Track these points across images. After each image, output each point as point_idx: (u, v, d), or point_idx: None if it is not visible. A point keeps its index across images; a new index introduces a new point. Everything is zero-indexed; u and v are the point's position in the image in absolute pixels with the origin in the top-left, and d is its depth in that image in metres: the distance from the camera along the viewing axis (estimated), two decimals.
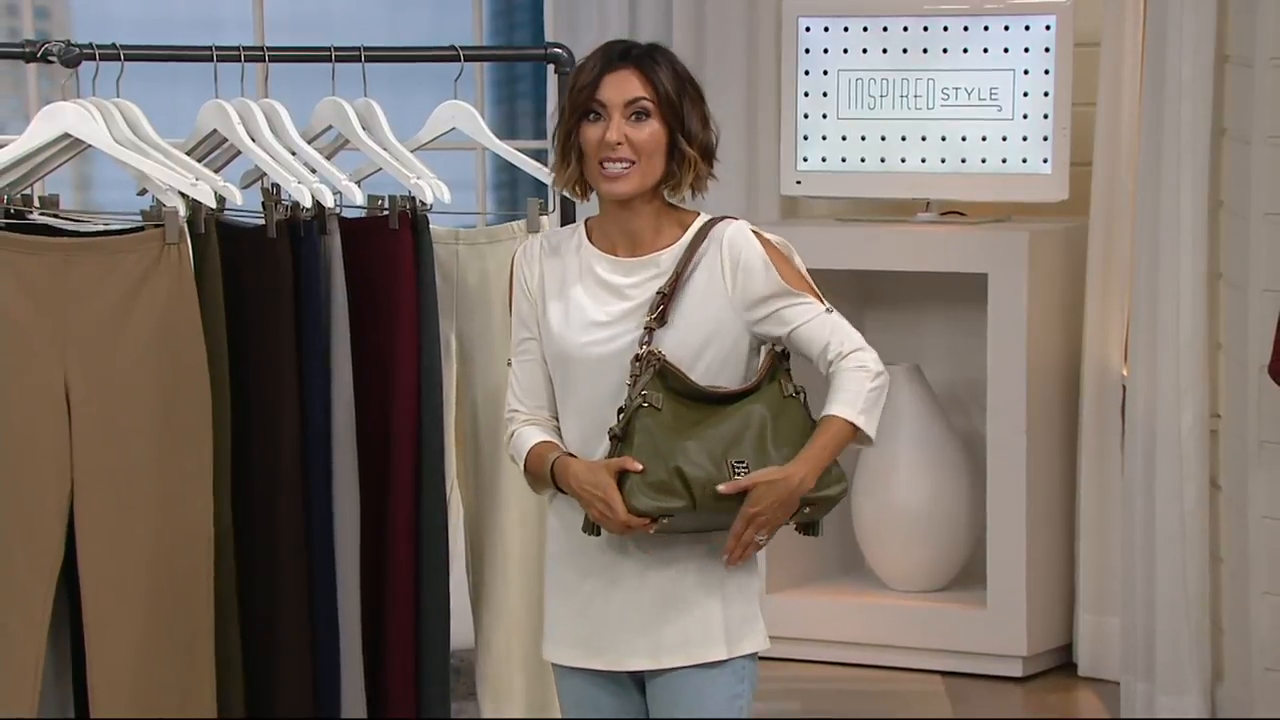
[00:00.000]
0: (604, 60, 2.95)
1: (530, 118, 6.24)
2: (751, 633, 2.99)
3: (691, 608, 2.96)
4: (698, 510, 2.89)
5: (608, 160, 2.93)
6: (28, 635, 3.13)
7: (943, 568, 5.48)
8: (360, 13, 6.30)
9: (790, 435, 2.94)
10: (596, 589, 2.95)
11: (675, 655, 2.97)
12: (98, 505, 3.12)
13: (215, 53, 3.33)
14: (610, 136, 2.92)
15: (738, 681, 2.99)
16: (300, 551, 3.22)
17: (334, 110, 3.40)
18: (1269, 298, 4.25)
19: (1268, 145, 4.32)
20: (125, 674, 3.12)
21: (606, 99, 2.92)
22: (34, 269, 3.13)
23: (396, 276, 3.30)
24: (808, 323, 2.93)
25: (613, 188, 2.94)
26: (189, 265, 3.12)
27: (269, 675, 3.22)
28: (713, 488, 2.88)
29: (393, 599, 3.31)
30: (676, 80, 2.95)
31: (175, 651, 3.12)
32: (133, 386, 3.13)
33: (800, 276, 2.97)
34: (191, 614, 3.12)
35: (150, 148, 3.23)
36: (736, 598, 2.98)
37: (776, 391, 2.96)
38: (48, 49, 3.29)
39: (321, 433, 3.25)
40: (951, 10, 5.37)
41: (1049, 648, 5.37)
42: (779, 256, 2.98)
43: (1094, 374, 5.27)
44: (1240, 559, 4.49)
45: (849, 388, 2.91)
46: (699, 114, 2.97)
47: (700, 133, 2.96)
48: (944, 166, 5.37)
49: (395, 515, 3.31)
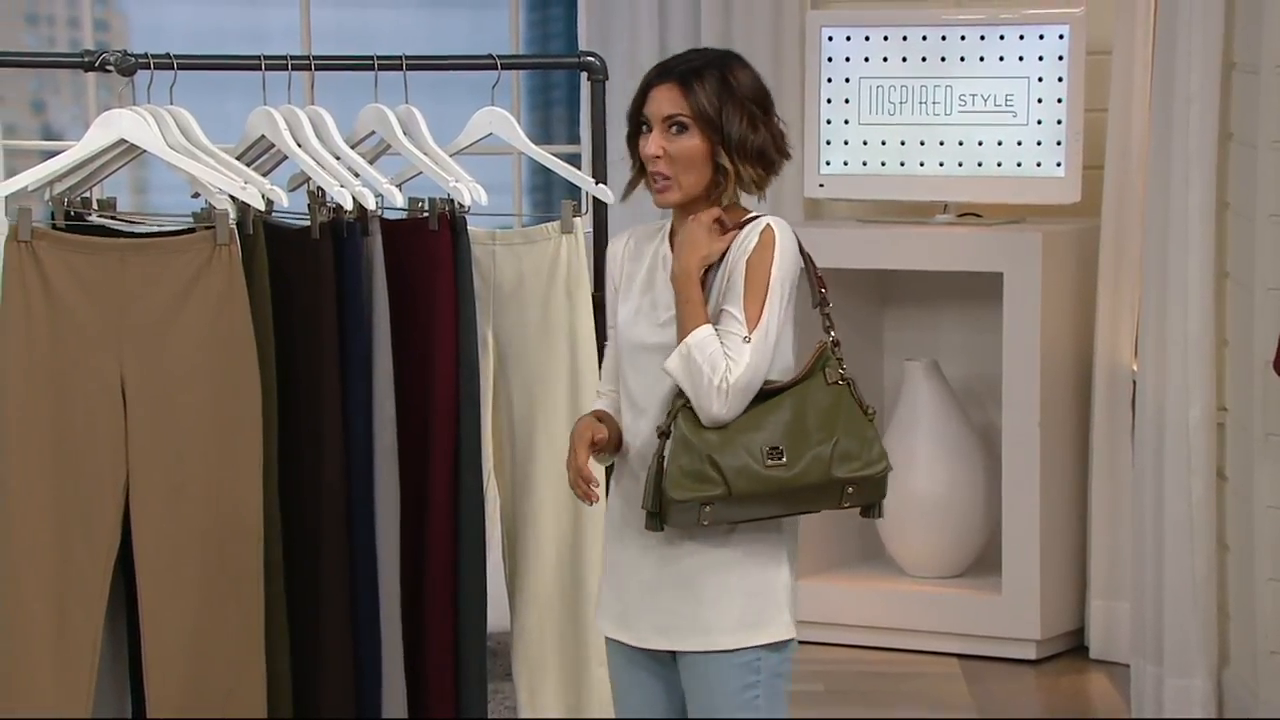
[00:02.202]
0: (652, 75, 3.00)
1: (564, 124, 6.23)
2: (770, 624, 2.96)
3: (707, 594, 2.95)
4: (734, 497, 2.89)
5: (652, 172, 2.96)
6: (86, 619, 3.14)
7: (959, 555, 5.47)
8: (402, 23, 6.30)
9: (830, 419, 2.92)
10: (630, 567, 2.97)
11: (688, 639, 2.96)
12: (152, 494, 3.13)
13: (264, 62, 3.33)
14: (648, 150, 2.96)
15: (750, 673, 2.96)
16: (343, 540, 3.23)
17: (377, 116, 3.40)
18: (1274, 296, 4.23)
19: (1273, 149, 4.31)
20: (179, 655, 3.12)
21: (649, 113, 2.97)
22: (92, 268, 3.14)
23: (436, 276, 3.30)
24: (723, 331, 2.92)
25: (657, 199, 2.99)
26: (238, 265, 3.13)
27: (314, 656, 3.23)
28: (747, 474, 2.87)
29: (432, 584, 3.31)
30: (719, 92, 2.95)
31: (226, 632, 3.13)
32: (185, 380, 3.13)
33: (762, 295, 2.93)
34: (241, 598, 3.12)
35: (202, 153, 3.23)
36: (756, 589, 2.97)
37: (820, 381, 2.95)
38: (105, 59, 3.29)
39: (364, 424, 3.25)
40: (968, 20, 5.36)
41: (1061, 632, 5.36)
42: (762, 265, 2.95)
43: (1105, 369, 5.26)
44: (1246, 547, 4.48)
45: (708, 347, 2.89)
46: (746, 120, 2.96)
47: (749, 138, 2.95)
48: (961, 170, 5.36)
49: (434, 505, 3.31)
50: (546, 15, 6.24)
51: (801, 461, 2.90)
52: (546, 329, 3.36)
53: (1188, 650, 4.62)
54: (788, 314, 2.97)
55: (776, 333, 2.93)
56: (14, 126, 5.96)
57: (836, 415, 2.92)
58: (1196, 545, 4.60)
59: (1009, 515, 5.25)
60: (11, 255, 3.12)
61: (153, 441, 3.13)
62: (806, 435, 2.91)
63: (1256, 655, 4.42)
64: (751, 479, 2.89)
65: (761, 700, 2.97)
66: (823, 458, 2.90)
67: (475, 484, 3.32)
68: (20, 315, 3.13)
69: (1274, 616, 4.36)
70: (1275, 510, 4.36)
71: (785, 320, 2.95)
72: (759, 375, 2.92)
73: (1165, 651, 4.66)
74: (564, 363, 3.36)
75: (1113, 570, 5.25)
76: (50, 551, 3.13)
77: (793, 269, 2.98)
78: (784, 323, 2.95)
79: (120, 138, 3.20)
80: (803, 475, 2.90)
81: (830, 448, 2.90)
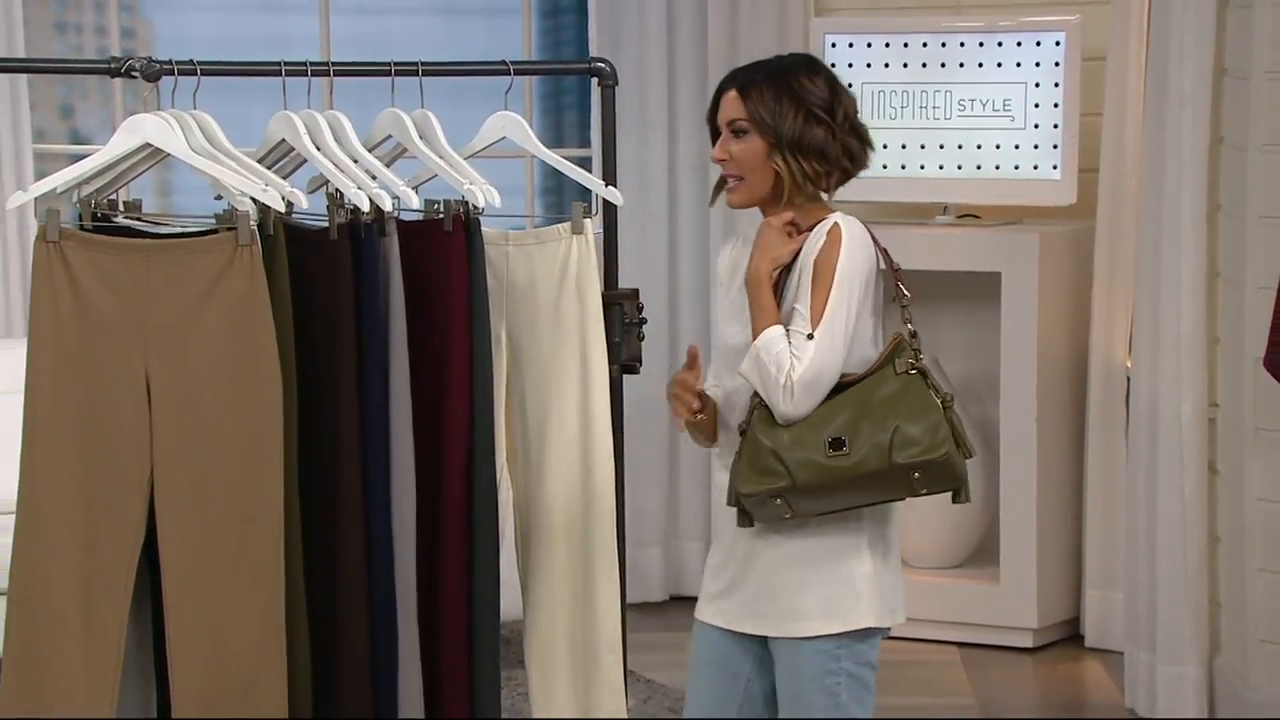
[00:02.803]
0: (721, 83, 3.08)
1: (576, 128, 6.23)
2: (848, 614, 2.98)
3: (789, 584, 2.99)
4: (799, 488, 2.91)
5: (723, 174, 3.06)
6: (111, 609, 3.13)
7: (959, 546, 5.46)
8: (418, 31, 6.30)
9: (892, 407, 2.91)
10: (727, 553, 3.05)
11: (775, 626, 3.01)
12: (175, 488, 3.12)
13: (284, 68, 3.33)
14: (715, 154, 3.06)
15: (830, 660, 2.98)
16: (360, 532, 3.22)
17: (393, 121, 3.39)
18: (1264, 295, 4.22)
19: (1262, 153, 4.30)
20: (201, 645, 3.12)
21: (718, 119, 3.05)
22: (118, 267, 3.14)
23: (450, 275, 3.29)
24: (791, 330, 2.96)
25: (728, 200, 3.07)
26: (260, 264, 3.12)
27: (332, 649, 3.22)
28: (810, 465, 2.89)
29: (447, 574, 3.31)
30: (776, 95, 3.00)
31: (248, 623, 3.12)
32: (208, 376, 3.13)
33: (826, 291, 2.95)
34: (262, 590, 3.12)
35: (224, 156, 3.23)
36: (834, 579, 2.98)
37: (889, 371, 2.95)
38: (131, 65, 3.29)
39: (380, 419, 3.24)
40: (968, 28, 5.35)
41: (1057, 620, 5.35)
42: (828, 263, 2.96)
43: (1100, 366, 5.25)
44: (1236, 538, 4.47)
45: (774, 347, 2.93)
46: (802, 119, 2.99)
47: (805, 136, 2.99)
48: (960, 173, 5.35)
49: (449, 496, 3.30)
50: (558, 23, 6.24)
51: (861, 450, 2.90)
52: (558, 326, 3.36)
53: (1180, 638, 4.61)
54: (862, 308, 2.97)
55: (845, 327, 2.93)
56: (44, 131, 5.96)
57: (900, 403, 2.92)
58: (1188, 537, 4.59)
59: (1007, 508, 5.25)
60: (40, 255, 3.12)
61: (176, 436, 3.12)
62: (869, 425, 2.91)
63: (1247, 643, 4.41)
64: (814, 470, 2.91)
65: (843, 688, 2.99)
66: (882, 445, 2.90)
67: (489, 476, 3.32)
68: (49, 313, 3.13)
69: (1264, 606, 4.36)
70: (1265, 503, 4.35)
71: (858, 314, 2.96)
72: (826, 370, 2.92)
73: (1158, 639, 4.65)
74: (574, 358, 3.36)
75: (1107, 561, 5.25)
76: (77, 543, 3.12)
77: (863, 264, 2.98)
78: (856, 317, 2.95)
79: (145, 142, 3.20)
80: (863, 464, 2.90)
81: (890, 435, 2.89)
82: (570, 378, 3.36)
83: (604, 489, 3.37)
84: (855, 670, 2.99)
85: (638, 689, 4.85)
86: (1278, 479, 4.32)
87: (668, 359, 5.73)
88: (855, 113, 3.05)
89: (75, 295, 3.12)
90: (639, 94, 5.68)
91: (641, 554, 5.70)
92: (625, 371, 3.47)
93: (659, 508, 5.80)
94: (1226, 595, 4.57)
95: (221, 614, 3.11)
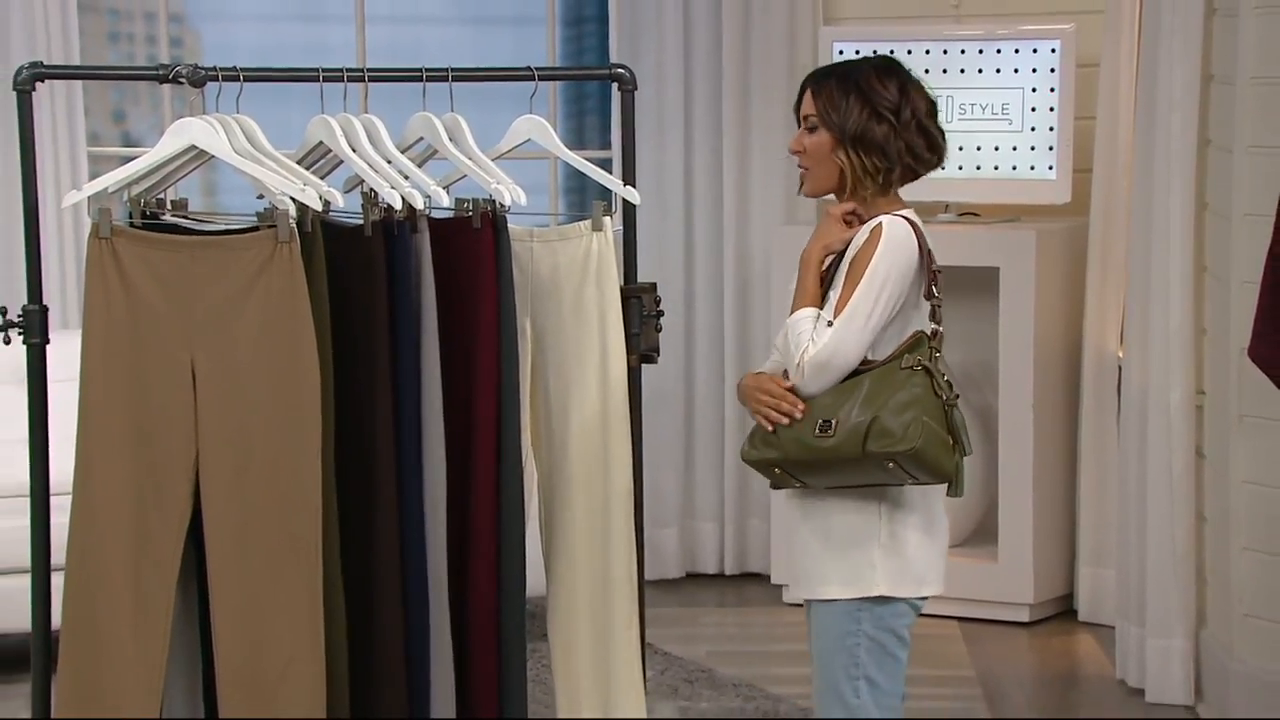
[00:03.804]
0: (803, 81, 3.12)
1: (597, 130, 6.22)
2: (862, 581, 3.00)
3: (813, 550, 3.03)
4: (789, 461, 2.95)
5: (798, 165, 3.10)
6: (160, 582, 3.14)
7: (959, 526, 5.45)
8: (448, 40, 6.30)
9: (885, 399, 2.91)
10: (790, 525, 3.11)
11: (803, 589, 3.07)
12: (219, 471, 3.12)
13: (321, 74, 3.33)
14: (790, 146, 3.10)
15: (851, 623, 3.01)
16: (394, 513, 3.22)
17: (425, 124, 3.39)
18: (1248, 288, 4.20)
19: (1247, 154, 4.28)
20: (243, 618, 3.12)
21: (799, 115, 3.09)
22: (165, 263, 3.14)
23: (479, 270, 3.29)
24: (821, 315, 3.00)
25: (801, 189, 3.11)
26: (298, 260, 3.12)
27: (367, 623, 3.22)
28: (799, 442, 2.93)
29: (476, 552, 3.30)
30: (842, 91, 3.03)
31: (287, 599, 3.12)
32: (249, 365, 3.13)
33: (855, 284, 2.96)
34: (301, 568, 3.11)
35: (265, 157, 3.23)
36: (850, 548, 3.00)
37: (897, 365, 2.95)
38: (178, 72, 3.29)
39: (413, 407, 3.24)
40: (968, 36, 5.34)
41: (1052, 596, 5.34)
42: (865, 257, 2.97)
43: (1093, 356, 5.24)
44: (1222, 518, 4.46)
45: (799, 327, 2.98)
46: (866, 115, 3.02)
47: (868, 132, 3.01)
48: (961, 173, 5.34)
49: (479, 478, 3.30)
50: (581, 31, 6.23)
51: (842, 434, 2.91)
52: (579, 317, 3.35)
53: (1168, 613, 4.60)
54: (894, 303, 2.97)
55: (868, 318, 2.94)
56: (97, 134, 5.97)
57: (891, 395, 2.91)
58: (1177, 517, 4.58)
59: (1004, 490, 5.24)
60: (93, 251, 3.12)
61: (220, 422, 3.12)
62: (857, 412, 2.91)
63: (1232, 618, 4.40)
64: (800, 448, 2.94)
65: (862, 649, 3.02)
66: (859, 432, 2.90)
67: (515, 458, 3.31)
68: (101, 305, 3.13)
69: (1248, 582, 4.34)
70: (1249, 485, 4.34)
71: (884, 307, 2.96)
72: (839, 355, 2.93)
73: (1148, 614, 4.64)
74: (594, 347, 3.35)
75: (1100, 540, 5.24)
76: (128, 522, 3.13)
77: (901, 262, 2.98)
78: (881, 309, 2.95)
79: (191, 144, 3.20)
80: (840, 447, 2.92)
81: (868, 424, 2.90)
82: (591, 366, 3.35)
83: (622, 470, 3.36)
84: (875, 634, 3.01)
85: (655, 661, 4.85)
86: (1261, 462, 4.30)
87: (684, 349, 5.72)
88: (927, 115, 3.05)
89: (125, 288, 3.12)
90: (657, 99, 5.68)
91: (659, 533, 5.70)
92: (643, 361, 3.47)
93: (675, 489, 5.79)
94: (1213, 572, 4.55)
95: (262, 590, 3.11)
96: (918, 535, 3.02)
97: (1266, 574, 4.29)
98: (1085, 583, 5.29)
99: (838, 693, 3.01)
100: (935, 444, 2.91)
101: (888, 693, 3.02)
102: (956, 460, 2.95)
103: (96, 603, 3.12)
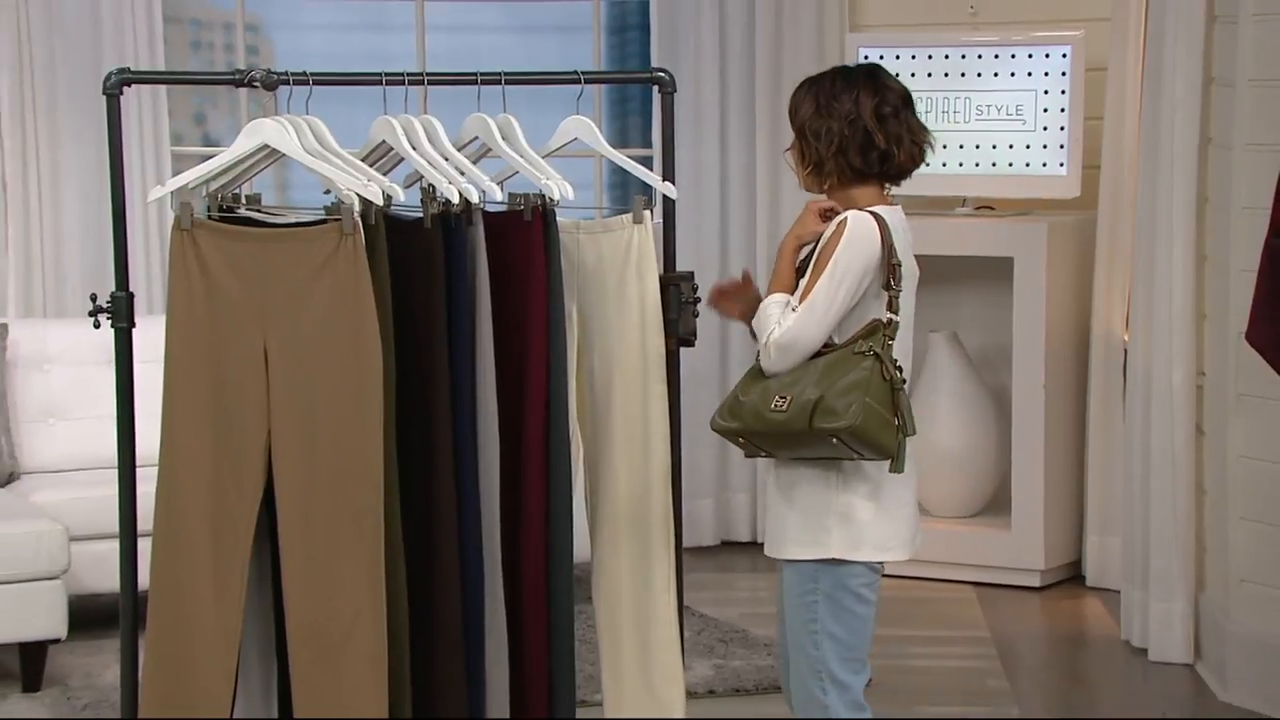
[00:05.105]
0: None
1: (639, 130, 6.22)
2: (818, 544, 3.01)
3: (776, 512, 3.06)
4: (748, 431, 2.97)
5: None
6: (236, 548, 3.15)
7: (975, 497, 5.44)
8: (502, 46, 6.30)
9: (834, 380, 2.91)
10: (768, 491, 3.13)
11: (773, 549, 3.09)
12: (289, 445, 3.13)
13: (384, 78, 3.33)
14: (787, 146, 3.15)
15: (810, 581, 3.02)
16: (451, 485, 3.22)
17: (479, 124, 3.39)
18: (1246, 276, 4.18)
19: (1246, 151, 4.25)
20: (312, 580, 3.13)
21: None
22: (241, 253, 3.15)
23: (530, 260, 3.29)
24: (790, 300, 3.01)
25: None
26: (362, 251, 3.12)
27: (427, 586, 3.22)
28: (755, 414, 2.94)
29: (527, 521, 3.31)
30: (805, 99, 3.06)
31: (352, 562, 3.12)
32: (316, 349, 3.13)
33: (818, 274, 2.95)
34: (364, 534, 3.12)
35: (332, 155, 3.23)
36: (809, 513, 3.01)
37: (851, 349, 2.94)
38: (253, 76, 3.29)
39: (468, 387, 3.24)
40: (984, 42, 5.31)
41: (1062, 563, 5.33)
42: (829, 250, 2.96)
43: (1101, 339, 5.22)
44: (1220, 490, 4.43)
45: (768, 311, 3.01)
46: (813, 111, 3.04)
47: (810, 125, 3.04)
48: (978, 170, 5.32)
49: (529, 452, 3.30)
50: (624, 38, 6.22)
51: (793, 410, 2.92)
52: (621, 304, 3.35)
53: (1170, 578, 4.58)
54: (851, 291, 2.95)
55: (828, 306, 2.94)
56: (180, 135, 6.00)
57: (839, 377, 2.91)
58: (1178, 489, 4.56)
59: (1017, 463, 5.22)
60: (176, 241, 3.13)
61: (289, 400, 3.13)
62: (809, 390, 2.92)
63: (1229, 583, 4.38)
64: (757, 419, 2.96)
65: (820, 607, 3.02)
66: (806, 409, 2.91)
67: (563, 434, 3.31)
68: (183, 292, 3.14)
69: (1244, 549, 4.32)
70: (1246, 459, 4.31)
71: (844, 296, 2.94)
72: (800, 338, 2.94)
73: (1150, 579, 4.62)
74: (635, 330, 3.35)
75: (1106, 510, 5.22)
76: (207, 492, 3.14)
77: (861, 255, 2.96)
78: (841, 299, 2.94)
79: (264, 143, 3.20)
80: (791, 422, 2.93)
81: (815, 402, 2.90)
82: (632, 347, 3.35)
83: (662, 445, 3.36)
84: (832, 592, 3.01)
85: (692, 622, 4.86)
86: (1257, 438, 4.28)
87: (719, 334, 5.72)
88: (872, 115, 2.99)
89: (205, 276, 3.13)
90: (695, 101, 5.67)
91: (695, 504, 5.70)
92: (681, 344, 3.46)
93: (711, 464, 5.79)
94: (1211, 540, 4.53)
95: (329, 554, 3.12)
96: (869, 505, 3.00)
97: (1261, 542, 4.27)
98: (1093, 550, 5.27)
99: (799, 644, 3.05)
100: (876, 423, 2.89)
101: (849, 645, 3.03)
102: (899, 439, 2.93)
103: (179, 565, 3.14)
